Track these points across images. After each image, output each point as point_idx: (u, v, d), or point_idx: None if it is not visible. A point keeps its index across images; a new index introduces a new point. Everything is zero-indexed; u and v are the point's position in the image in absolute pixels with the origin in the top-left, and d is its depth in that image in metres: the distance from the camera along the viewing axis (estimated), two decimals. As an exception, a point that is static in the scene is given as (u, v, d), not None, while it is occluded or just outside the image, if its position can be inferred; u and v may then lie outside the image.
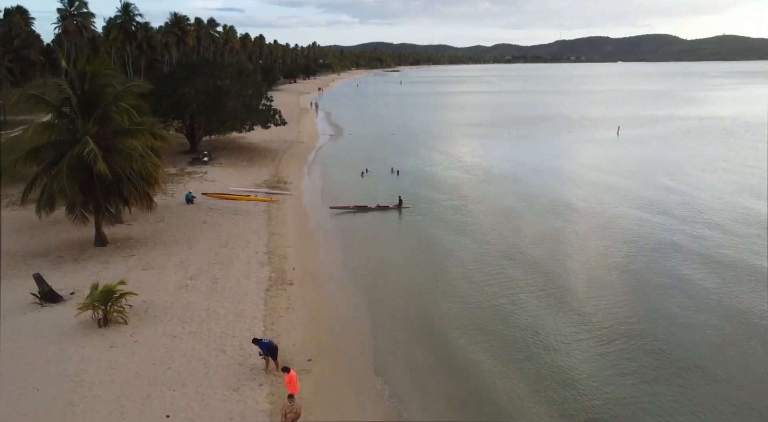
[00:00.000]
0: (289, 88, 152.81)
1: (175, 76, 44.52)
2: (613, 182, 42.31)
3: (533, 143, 62.30)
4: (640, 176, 44.50)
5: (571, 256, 26.78)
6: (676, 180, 42.86)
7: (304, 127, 74.05)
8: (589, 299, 21.59)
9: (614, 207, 35.19)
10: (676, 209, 34.59)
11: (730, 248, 27.40)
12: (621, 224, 31.84)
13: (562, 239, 29.08)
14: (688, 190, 39.78)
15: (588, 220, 32.69)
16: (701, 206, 35.28)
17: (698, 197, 37.83)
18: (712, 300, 21.64)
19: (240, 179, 40.25)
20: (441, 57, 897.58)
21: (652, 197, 37.57)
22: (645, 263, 25.54)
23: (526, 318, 20.10)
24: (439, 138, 65.50)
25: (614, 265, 25.45)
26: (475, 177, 44.22)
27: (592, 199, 37.50)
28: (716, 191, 39.56)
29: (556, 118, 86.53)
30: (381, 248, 28.13)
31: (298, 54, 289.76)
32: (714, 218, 32.72)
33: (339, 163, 50.77)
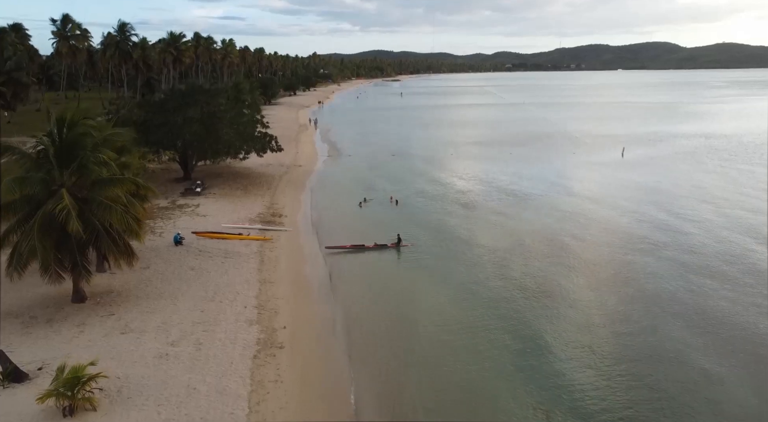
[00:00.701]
0: (289, 102, 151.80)
1: (167, 105, 43.12)
2: (620, 223, 40.59)
3: (536, 166, 60.74)
4: (647, 214, 42.73)
5: (570, 317, 25.17)
6: (683, 217, 41.24)
7: (302, 147, 72.70)
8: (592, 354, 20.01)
9: (623, 253, 33.55)
10: (683, 256, 33.01)
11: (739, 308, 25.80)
12: (631, 276, 30.22)
13: (563, 296, 27.42)
14: (696, 232, 38.20)
15: (593, 270, 31.08)
16: (705, 251, 33.70)
17: (705, 241, 36.26)
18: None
19: (233, 212, 38.71)
20: (441, 65, 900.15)
21: (660, 241, 35.98)
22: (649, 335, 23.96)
23: (541, 392, 18.51)
24: (440, 161, 63.97)
25: (625, 331, 23.85)
26: (476, 210, 42.57)
27: (598, 241, 35.94)
28: (723, 232, 38.00)
29: (558, 136, 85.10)
30: (379, 298, 26.53)
31: (299, 65, 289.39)
32: (719, 267, 31.14)
33: (337, 190, 49.27)
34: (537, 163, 62.43)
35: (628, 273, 29.40)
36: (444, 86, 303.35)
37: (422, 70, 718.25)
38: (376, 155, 68.45)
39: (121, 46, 69.56)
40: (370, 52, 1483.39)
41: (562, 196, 46.74)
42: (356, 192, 47.36)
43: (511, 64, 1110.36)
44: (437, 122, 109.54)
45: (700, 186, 50.38)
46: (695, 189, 49.00)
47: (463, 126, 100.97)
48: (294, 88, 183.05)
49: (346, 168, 60.02)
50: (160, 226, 34.26)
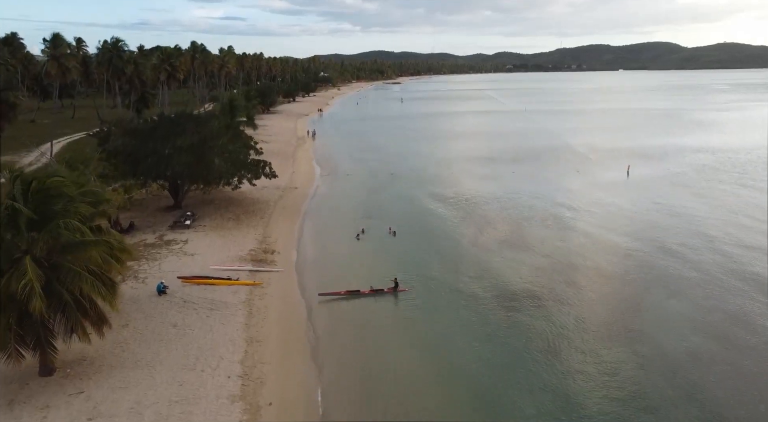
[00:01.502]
0: (288, 110, 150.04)
1: (156, 133, 41.26)
2: (629, 264, 38.79)
3: (540, 188, 58.75)
4: (656, 254, 40.95)
5: (585, 371, 23.27)
6: (692, 262, 39.38)
7: (299, 164, 70.83)
8: None
9: (632, 300, 31.68)
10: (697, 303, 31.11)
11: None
12: (643, 330, 28.34)
13: (580, 359, 25.54)
14: (709, 269, 36.29)
15: (602, 317, 29.19)
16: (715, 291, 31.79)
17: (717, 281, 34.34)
18: None
19: (223, 249, 36.84)
20: (442, 66, 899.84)
21: (670, 284, 34.09)
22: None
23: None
24: (440, 182, 61.99)
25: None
26: (476, 243, 40.67)
27: (606, 282, 34.06)
28: (737, 282, 36.07)
29: (561, 150, 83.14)
30: (375, 356, 24.70)
31: (298, 69, 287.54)
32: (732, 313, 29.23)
33: (334, 217, 47.43)
34: (540, 184, 60.46)
35: (646, 335, 27.52)
36: (444, 90, 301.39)
37: (423, 72, 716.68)
38: (374, 173, 66.59)
39: (115, 62, 67.71)
40: (371, 53, 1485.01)
41: (569, 227, 44.75)
42: (353, 220, 45.60)
43: (512, 64, 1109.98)
44: (437, 133, 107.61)
45: (709, 216, 48.24)
46: (703, 220, 46.87)
47: (463, 138, 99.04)
48: (293, 94, 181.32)
49: (343, 190, 58.12)
50: (144, 269, 32.39)
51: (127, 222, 40.44)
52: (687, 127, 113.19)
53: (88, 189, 23.57)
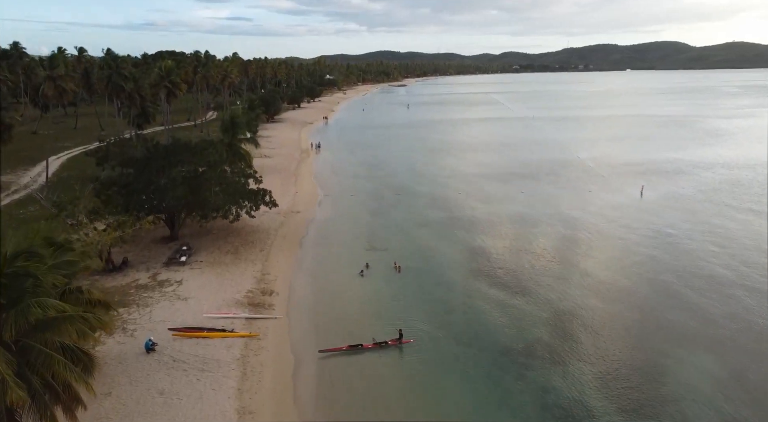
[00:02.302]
0: (293, 118, 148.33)
1: (151, 165, 39.46)
2: (645, 318, 36.62)
3: (550, 210, 56.64)
4: (669, 305, 38.79)
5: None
6: (708, 296, 37.18)
7: (301, 183, 68.95)
8: None
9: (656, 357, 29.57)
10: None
11: None
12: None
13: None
14: (729, 325, 34.10)
15: (618, 380, 27.11)
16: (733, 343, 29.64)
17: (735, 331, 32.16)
18: None
19: (218, 291, 34.99)
20: (448, 67, 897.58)
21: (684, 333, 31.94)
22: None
23: None
24: (447, 203, 59.95)
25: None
26: (485, 281, 38.62)
27: (621, 339, 31.97)
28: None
29: (572, 166, 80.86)
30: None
31: (303, 73, 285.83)
32: None
33: (336, 248, 45.45)
34: (551, 208, 58.25)
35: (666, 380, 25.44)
36: (451, 94, 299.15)
37: (429, 73, 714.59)
38: (380, 193, 64.66)
39: (114, 79, 66.12)
40: (377, 53, 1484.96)
41: (581, 269, 42.59)
42: (357, 252, 43.81)
43: (519, 65, 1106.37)
44: (444, 145, 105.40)
45: (726, 245, 46.04)
46: (721, 251, 44.70)
47: (471, 151, 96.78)
48: (298, 100, 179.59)
49: (347, 214, 56.16)
50: (134, 319, 30.57)
51: (120, 257, 38.74)
52: (699, 137, 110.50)
53: (63, 260, 21.62)
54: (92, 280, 35.65)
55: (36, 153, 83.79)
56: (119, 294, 33.54)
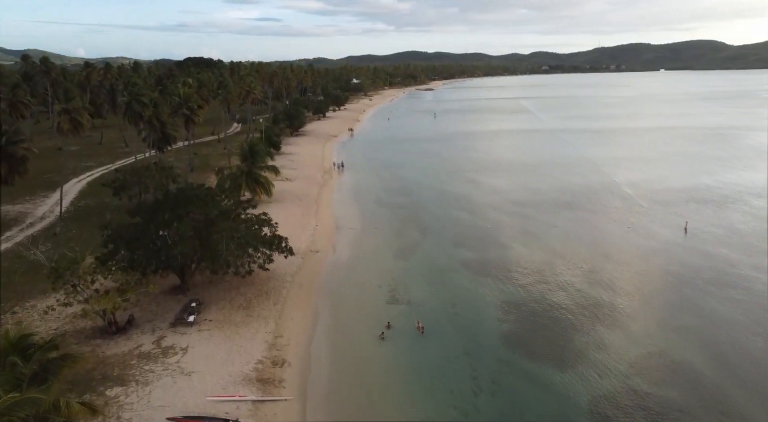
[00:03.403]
0: (317, 130, 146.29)
1: (156, 218, 37.03)
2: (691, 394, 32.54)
3: (586, 253, 52.55)
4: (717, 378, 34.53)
5: None
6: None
7: (322, 214, 66.10)
8: None
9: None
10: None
11: None
12: None
13: None
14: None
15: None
16: None
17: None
18: None
19: (226, 362, 32.23)
20: (476, 69, 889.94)
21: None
22: None
23: None
24: (475, 241, 56.33)
25: None
26: (520, 350, 35.03)
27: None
28: None
29: (608, 193, 76.23)
30: None
31: (329, 80, 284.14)
32: None
33: (354, 300, 42.37)
34: (587, 245, 54.19)
35: None
36: (477, 100, 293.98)
37: (456, 75, 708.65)
38: (403, 226, 61.44)
39: (132, 107, 64.54)
40: (404, 54, 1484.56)
41: (625, 333, 38.68)
42: (378, 304, 40.96)
43: (548, 65, 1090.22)
44: (470, 163, 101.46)
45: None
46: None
47: (498, 172, 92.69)
48: (323, 110, 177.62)
49: (368, 253, 53.04)
50: (131, 402, 27.96)
51: (126, 316, 36.41)
52: (745, 156, 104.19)
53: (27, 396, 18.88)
54: (93, 345, 33.42)
55: (57, 175, 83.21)
56: (119, 366, 31.10)
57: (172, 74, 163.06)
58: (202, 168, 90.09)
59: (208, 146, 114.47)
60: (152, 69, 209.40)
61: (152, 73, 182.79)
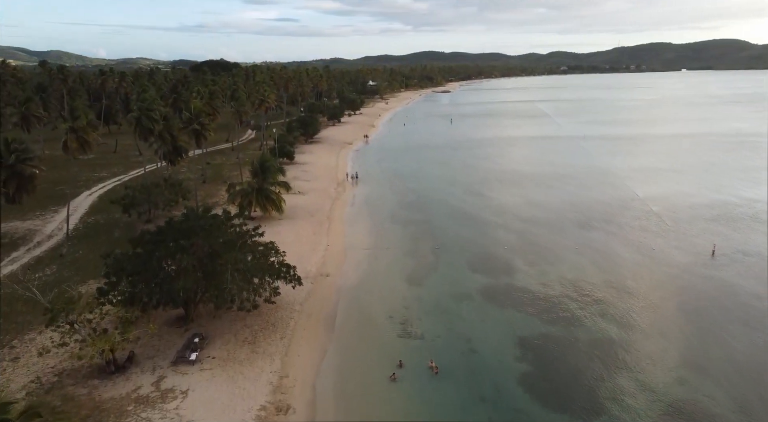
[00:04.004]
0: (331, 137, 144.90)
1: (158, 250, 35.58)
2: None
3: (608, 278, 50.08)
4: None
5: None
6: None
7: (334, 231, 64.46)
8: None
9: None
10: None
11: None
12: None
13: None
14: None
15: None
16: None
17: None
18: None
19: (228, 407, 30.61)
20: (493, 69, 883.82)
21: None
22: None
23: None
24: (491, 263, 54.15)
25: None
26: (541, 398, 32.90)
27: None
28: None
29: (631, 209, 73.40)
30: None
31: (344, 83, 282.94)
32: None
33: (365, 332, 40.60)
34: (608, 272, 51.67)
35: None
36: (494, 103, 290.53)
37: (473, 76, 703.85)
38: (417, 246, 59.50)
39: (144, 123, 63.56)
40: (421, 54, 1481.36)
41: (651, 365, 36.31)
42: (389, 338, 39.27)
43: (567, 65, 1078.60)
44: (486, 174, 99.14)
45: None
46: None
47: (515, 185, 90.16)
48: (338, 116, 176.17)
49: (381, 276, 51.18)
50: (125, 457, 26.53)
51: (125, 355, 35.04)
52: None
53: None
54: (90, 386, 32.06)
55: (70, 187, 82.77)
56: (114, 413, 29.66)
57: (188, 81, 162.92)
58: (214, 179, 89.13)
59: (222, 154, 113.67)
60: (168, 75, 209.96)
61: (168, 79, 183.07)
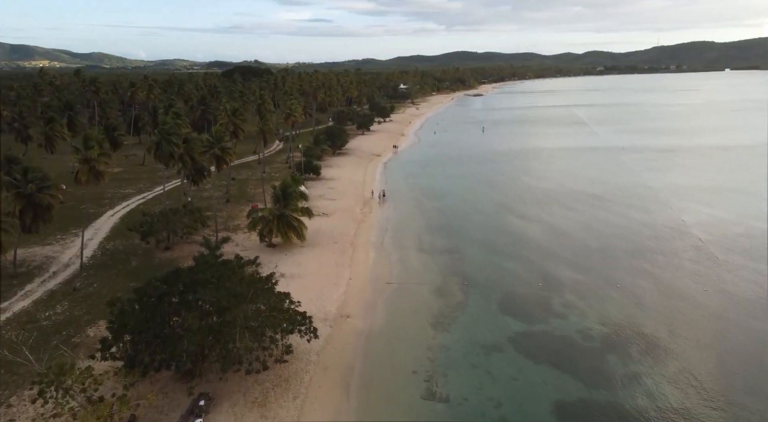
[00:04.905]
0: (359, 148, 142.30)
1: (162, 306, 33.02)
2: None
3: (654, 322, 45.47)
4: None
5: None
6: None
7: (358, 261, 61.26)
8: None
9: None
10: None
11: None
12: None
13: None
14: None
15: None
16: None
17: None
18: None
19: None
20: (527, 70, 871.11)
21: None
22: None
23: None
24: (525, 305, 50.02)
25: None
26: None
27: None
28: None
29: (675, 238, 68.02)
30: None
31: (375, 90, 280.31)
32: None
33: (385, 395, 37.14)
34: (654, 316, 46.96)
35: None
36: (528, 108, 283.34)
37: (507, 77, 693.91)
38: (445, 281, 55.85)
39: (164, 147, 61.81)
40: (453, 54, 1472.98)
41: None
42: (411, 400, 35.97)
43: (603, 66, 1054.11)
44: (520, 192, 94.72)
45: None
46: None
47: (550, 206, 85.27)
48: (367, 125, 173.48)
49: (404, 319, 47.67)
50: None
51: (125, 418, 32.56)
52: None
53: None
54: (85, 460, 29.61)
55: (95, 205, 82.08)
56: (108, 497, 27.10)
57: (217, 91, 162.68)
58: (238, 198, 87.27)
59: (248, 167, 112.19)
60: (199, 83, 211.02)
61: (198, 87, 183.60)
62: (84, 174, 48.26)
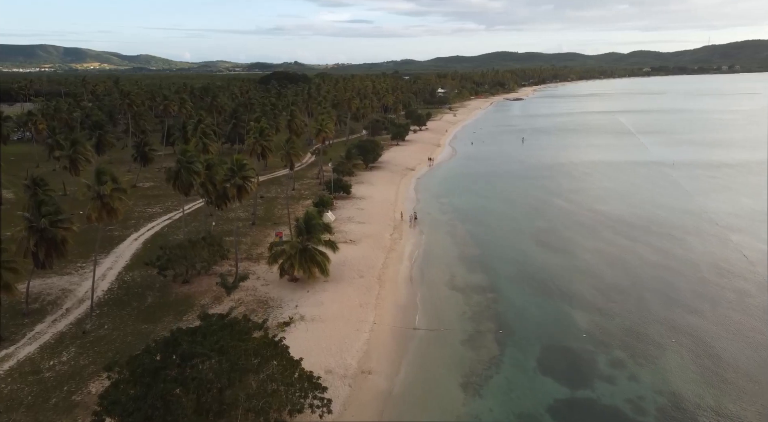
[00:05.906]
0: (393, 161, 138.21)
1: (157, 382, 29.59)
2: None
3: (719, 392, 39.55)
4: None
5: None
6: None
7: (384, 300, 57.05)
8: None
9: None
10: None
11: None
12: None
13: None
14: None
15: None
16: None
17: None
18: None
19: None
20: (569, 71, 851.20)
21: None
22: None
23: None
24: (566, 362, 44.60)
25: None
26: None
27: None
28: None
29: (737, 275, 61.19)
30: None
31: (411, 97, 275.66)
32: None
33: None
34: (719, 383, 41.02)
35: None
36: (570, 114, 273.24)
37: (548, 80, 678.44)
38: (477, 328, 51.17)
39: (183, 177, 59.31)
40: (494, 55, 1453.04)
41: None
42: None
43: (650, 66, 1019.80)
44: (560, 215, 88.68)
45: None
46: None
47: (594, 234, 79.04)
48: (402, 136, 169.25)
49: (431, 378, 43.21)
50: None
51: None
52: None
53: None
54: None
55: (120, 228, 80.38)
56: None
57: (251, 103, 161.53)
58: (264, 220, 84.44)
59: (278, 183, 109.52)
60: (234, 91, 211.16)
61: (234, 97, 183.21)
62: (95, 211, 45.67)
